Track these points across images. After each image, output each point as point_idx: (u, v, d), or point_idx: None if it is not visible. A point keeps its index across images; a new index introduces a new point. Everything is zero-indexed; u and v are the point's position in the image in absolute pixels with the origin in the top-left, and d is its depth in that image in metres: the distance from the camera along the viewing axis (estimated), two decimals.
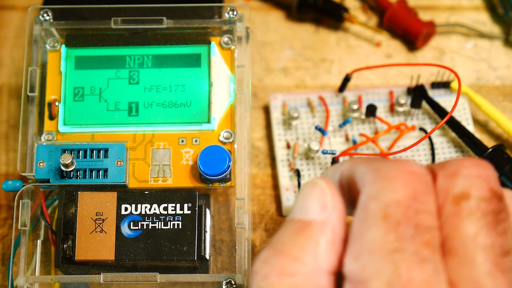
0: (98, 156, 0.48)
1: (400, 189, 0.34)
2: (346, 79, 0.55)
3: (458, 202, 0.35)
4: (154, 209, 0.47)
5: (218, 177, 0.47)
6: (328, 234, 0.35)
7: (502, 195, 0.36)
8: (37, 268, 0.48)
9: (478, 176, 0.36)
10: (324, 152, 0.53)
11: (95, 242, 0.46)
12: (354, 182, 0.37)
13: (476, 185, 0.35)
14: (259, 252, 0.36)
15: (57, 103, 0.50)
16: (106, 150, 0.48)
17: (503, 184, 0.51)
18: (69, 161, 0.46)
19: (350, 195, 0.37)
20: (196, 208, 0.47)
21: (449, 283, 0.34)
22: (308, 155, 0.53)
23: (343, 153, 0.51)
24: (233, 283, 0.46)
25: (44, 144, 0.48)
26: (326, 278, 0.35)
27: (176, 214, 0.47)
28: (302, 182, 0.53)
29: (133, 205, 0.47)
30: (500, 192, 0.36)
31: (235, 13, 0.51)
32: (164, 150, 0.49)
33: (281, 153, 0.54)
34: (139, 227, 0.46)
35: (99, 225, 0.47)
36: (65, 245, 0.46)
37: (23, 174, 0.48)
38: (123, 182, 0.47)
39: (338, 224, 0.36)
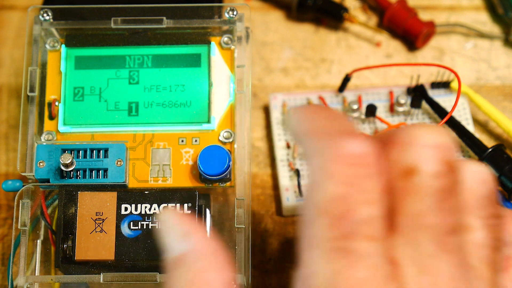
0: (98, 156, 0.48)
1: (337, 180, 0.32)
2: (346, 79, 0.55)
3: (407, 177, 0.33)
4: (154, 209, 0.47)
5: (218, 177, 0.47)
6: (203, 261, 0.35)
7: (456, 166, 0.34)
8: (37, 268, 0.48)
9: (431, 146, 0.33)
10: None
11: (95, 242, 0.46)
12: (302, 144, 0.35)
13: (427, 157, 0.33)
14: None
15: (57, 103, 0.50)
16: (106, 150, 0.48)
17: (503, 184, 0.51)
18: (69, 161, 0.46)
19: None
20: (196, 208, 0.47)
21: (391, 263, 0.32)
22: None
23: None
24: (233, 283, 0.46)
25: (44, 144, 0.48)
26: None
27: None
28: (302, 182, 0.53)
29: (133, 205, 0.47)
30: (454, 163, 0.33)
31: (235, 13, 0.51)
32: (164, 150, 0.49)
33: (281, 153, 0.54)
34: (139, 227, 0.46)
35: (99, 225, 0.47)
36: (65, 245, 0.46)
37: (23, 174, 0.48)
38: (123, 182, 0.47)
39: (202, 249, 0.35)
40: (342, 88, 0.56)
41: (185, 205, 0.47)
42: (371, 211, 0.32)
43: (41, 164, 0.47)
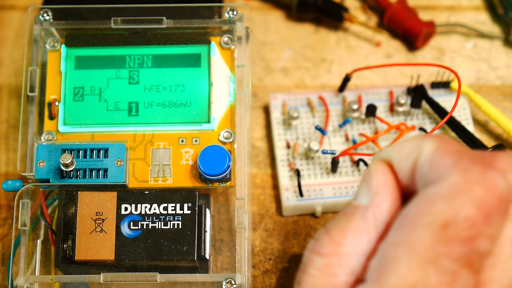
0: (98, 156, 0.48)
1: (475, 204, 0.32)
2: (346, 79, 0.55)
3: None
4: (154, 209, 0.47)
5: (218, 177, 0.47)
6: (368, 219, 0.36)
7: None
8: (37, 268, 0.48)
9: None
10: (324, 152, 0.53)
11: (95, 242, 0.46)
12: (430, 168, 0.34)
13: None
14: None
15: (57, 103, 0.50)
16: (106, 150, 0.48)
17: None
18: (69, 161, 0.46)
19: (421, 177, 0.35)
20: (196, 208, 0.47)
21: (476, 282, 0.33)
22: (308, 155, 0.53)
23: (343, 153, 0.51)
24: (233, 282, 0.46)
25: (44, 144, 0.48)
26: (361, 260, 0.35)
27: (176, 214, 0.47)
28: (302, 181, 0.53)
29: (133, 205, 0.47)
30: None
31: (235, 13, 0.51)
32: (164, 150, 0.49)
33: (281, 153, 0.54)
34: (139, 227, 0.46)
35: (99, 225, 0.47)
36: (65, 245, 0.46)
37: (23, 174, 0.48)
38: (123, 182, 0.47)
39: (382, 208, 0.35)
40: (342, 88, 0.56)
41: (185, 205, 0.47)
42: (490, 247, 0.33)
43: (41, 164, 0.47)
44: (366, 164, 0.52)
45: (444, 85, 0.56)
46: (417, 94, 0.54)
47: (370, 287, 0.33)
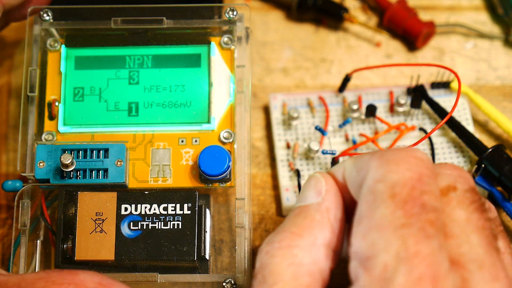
0: (98, 156, 0.48)
1: (405, 171, 0.37)
2: (346, 79, 0.55)
3: (447, 193, 0.39)
4: (154, 209, 0.47)
5: (218, 177, 0.47)
6: (322, 212, 0.40)
7: (479, 194, 0.40)
8: (37, 268, 0.48)
9: (459, 175, 0.40)
10: (324, 152, 0.53)
11: (95, 242, 0.46)
12: (356, 172, 0.39)
13: (459, 181, 0.39)
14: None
15: (57, 103, 0.50)
16: (106, 150, 0.48)
17: (503, 184, 0.51)
18: (69, 161, 0.46)
19: (353, 187, 0.40)
20: (196, 208, 0.47)
21: (450, 261, 0.36)
22: (308, 155, 0.53)
23: (343, 153, 0.51)
24: (233, 283, 0.46)
25: (44, 144, 0.48)
26: (322, 250, 0.39)
27: (176, 214, 0.47)
28: (302, 182, 0.53)
29: (133, 205, 0.47)
30: (478, 191, 0.40)
31: (235, 13, 0.51)
32: (164, 150, 0.49)
33: (281, 153, 0.54)
34: (139, 227, 0.47)
35: (99, 225, 0.47)
36: (65, 245, 0.46)
37: (23, 174, 0.48)
38: (123, 182, 0.47)
39: (332, 204, 0.40)
40: (342, 88, 0.56)
41: (185, 205, 0.47)
42: (435, 202, 0.37)
43: (41, 164, 0.47)
44: None
45: (444, 85, 0.56)
46: (417, 94, 0.54)
47: (363, 281, 0.35)
